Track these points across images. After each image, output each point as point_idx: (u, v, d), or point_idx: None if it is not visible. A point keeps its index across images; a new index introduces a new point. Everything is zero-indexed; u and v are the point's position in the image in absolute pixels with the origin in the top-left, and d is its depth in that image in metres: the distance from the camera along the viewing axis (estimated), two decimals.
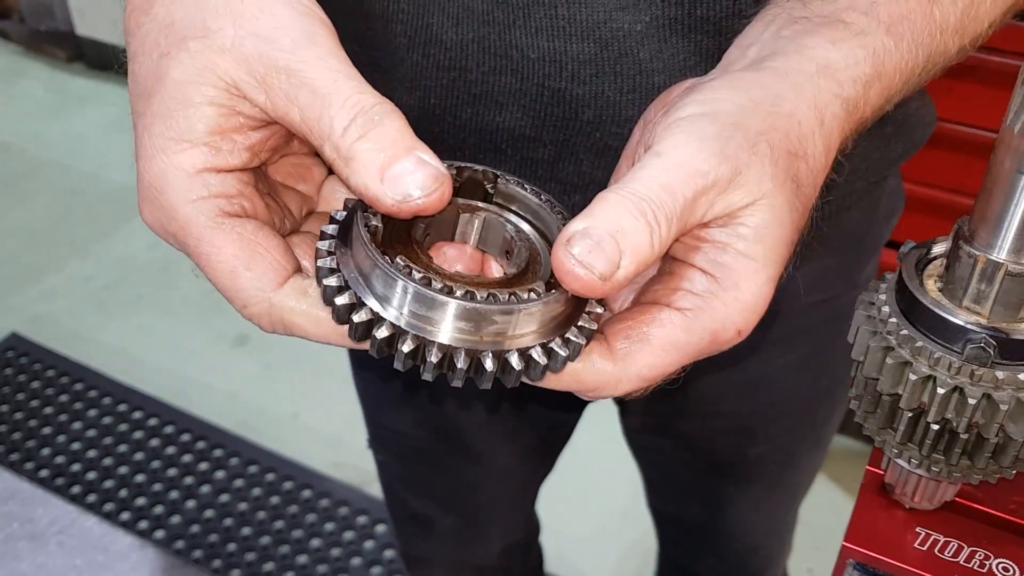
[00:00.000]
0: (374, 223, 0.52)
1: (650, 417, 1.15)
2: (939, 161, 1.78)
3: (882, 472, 0.62)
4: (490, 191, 0.59)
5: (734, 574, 1.37)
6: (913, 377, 0.51)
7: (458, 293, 0.49)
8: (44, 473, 2.41)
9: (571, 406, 1.22)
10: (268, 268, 0.52)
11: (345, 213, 0.55)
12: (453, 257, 0.59)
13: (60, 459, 2.45)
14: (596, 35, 0.70)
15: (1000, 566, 0.57)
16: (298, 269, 0.54)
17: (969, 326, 0.50)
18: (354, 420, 2.62)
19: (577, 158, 0.78)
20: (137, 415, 2.57)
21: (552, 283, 0.52)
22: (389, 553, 2.24)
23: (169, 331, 2.86)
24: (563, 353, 0.52)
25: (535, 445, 1.28)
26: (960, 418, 0.51)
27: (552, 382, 0.54)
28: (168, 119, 0.52)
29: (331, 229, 0.54)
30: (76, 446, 2.48)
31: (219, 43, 0.51)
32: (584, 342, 0.53)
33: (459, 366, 0.50)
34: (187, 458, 2.46)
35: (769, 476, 1.21)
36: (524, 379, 0.52)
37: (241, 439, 2.51)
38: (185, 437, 2.51)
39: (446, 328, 0.50)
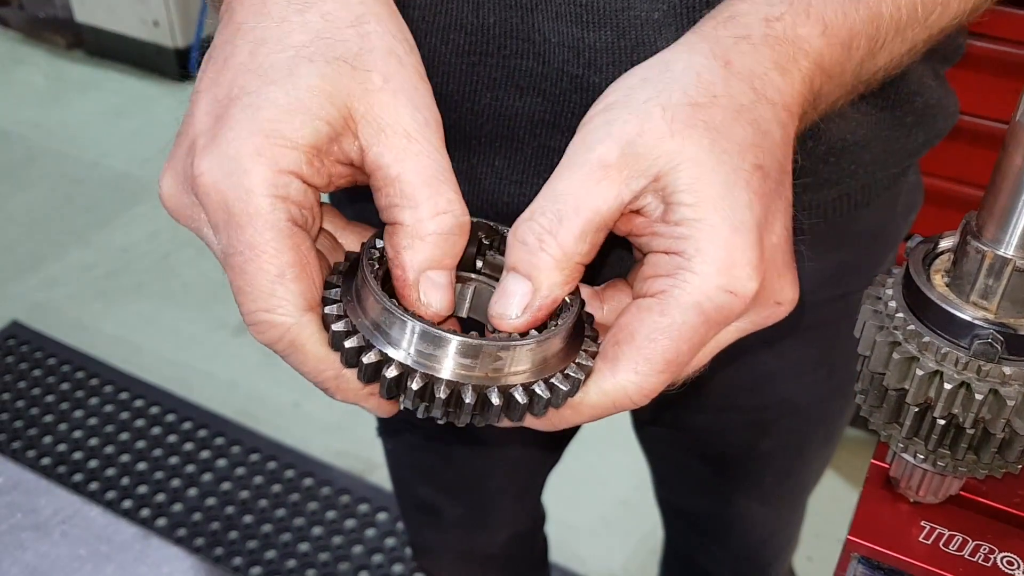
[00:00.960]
0: (379, 269, 0.55)
1: (661, 411, 1.15)
2: (958, 154, 1.78)
3: (887, 466, 0.61)
4: (480, 256, 0.62)
5: (741, 567, 1.37)
6: (920, 372, 0.51)
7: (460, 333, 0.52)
8: (46, 461, 2.42)
9: None
10: (308, 288, 0.53)
11: (348, 264, 0.57)
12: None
13: (62, 447, 2.46)
14: (614, 23, 0.70)
15: (1005, 560, 0.57)
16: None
17: (976, 321, 0.50)
18: (355, 409, 2.61)
19: None
20: (138, 403, 2.57)
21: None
22: (390, 541, 2.25)
23: (170, 319, 2.86)
24: (564, 388, 0.53)
25: (543, 437, 1.28)
26: (967, 413, 0.51)
27: (569, 418, 0.56)
28: (284, 112, 0.52)
29: (335, 279, 0.55)
30: (78, 434, 2.49)
31: (366, 82, 0.54)
32: (583, 376, 0.54)
33: (467, 401, 0.52)
34: (188, 446, 2.46)
35: (779, 470, 1.21)
36: (528, 415, 0.54)
37: (242, 427, 2.51)
38: (186, 425, 2.51)
39: (449, 365, 0.52)
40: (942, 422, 0.53)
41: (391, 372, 0.52)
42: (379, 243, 0.57)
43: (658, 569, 1.62)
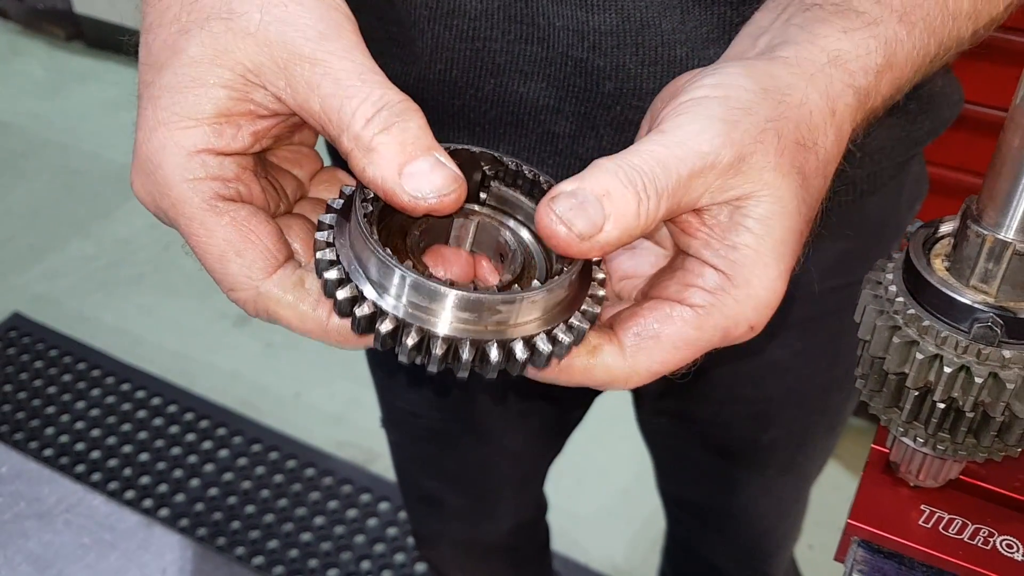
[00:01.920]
0: (373, 211, 0.52)
1: (664, 402, 1.16)
2: (963, 143, 1.77)
3: (887, 450, 0.62)
4: (485, 186, 0.59)
5: (743, 557, 1.37)
6: (920, 356, 0.51)
7: (458, 286, 0.50)
8: (48, 452, 2.42)
9: (582, 396, 1.22)
10: (258, 256, 0.52)
11: (341, 202, 0.54)
12: (449, 259, 0.58)
13: (64, 438, 2.46)
14: (618, 5, 0.70)
15: (1004, 543, 0.57)
16: (289, 257, 0.54)
17: (976, 305, 0.50)
18: (357, 399, 2.63)
19: (597, 132, 0.78)
20: (140, 394, 2.57)
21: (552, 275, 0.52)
22: (392, 531, 2.25)
23: (171, 310, 2.86)
24: (567, 339, 0.52)
25: (546, 427, 1.28)
26: (966, 397, 0.51)
27: (563, 377, 0.54)
28: (176, 94, 0.51)
29: (328, 219, 0.53)
30: (80, 425, 2.49)
31: (243, 26, 0.51)
32: (587, 326, 0.53)
33: (464, 357, 0.50)
34: (191, 437, 2.47)
35: (781, 461, 1.21)
36: (530, 367, 0.52)
37: (244, 418, 2.52)
38: (188, 416, 2.52)
39: (447, 319, 0.49)
40: (942, 406, 0.53)
41: (385, 326, 0.49)
42: (370, 205, 0.53)
43: (660, 559, 1.62)
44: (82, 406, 2.54)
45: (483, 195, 0.59)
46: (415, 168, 0.50)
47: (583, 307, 0.53)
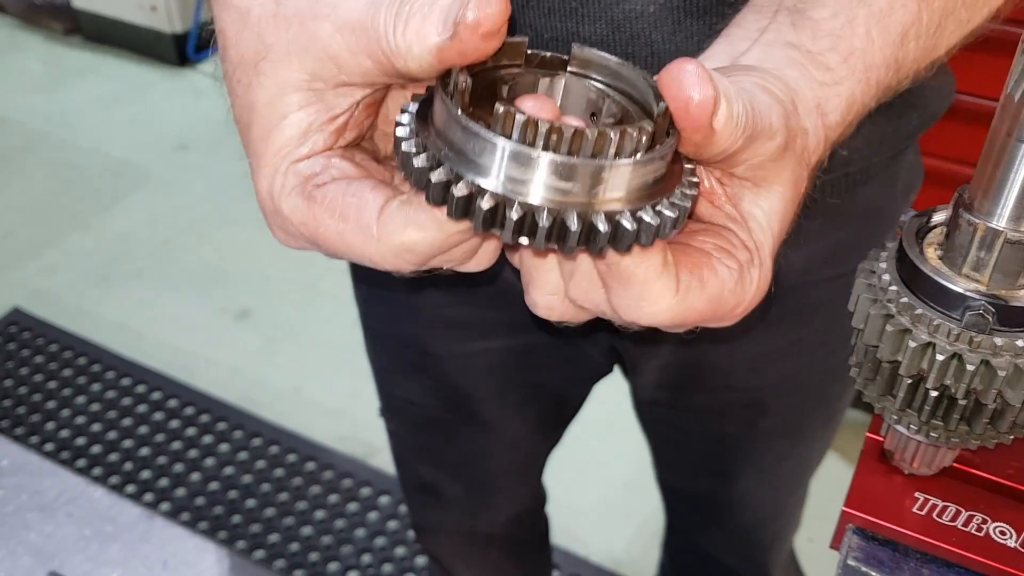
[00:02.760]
0: (461, 82, 0.49)
1: (661, 391, 1.16)
2: (958, 134, 1.78)
3: (882, 438, 0.62)
4: (567, 59, 0.55)
5: (741, 548, 1.38)
6: (912, 344, 0.52)
7: (563, 146, 0.46)
8: (49, 447, 2.43)
9: (581, 380, 1.23)
10: (363, 210, 0.52)
11: (416, 105, 0.52)
12: (535, 109, 0.54)
13: (64, 433, 2.47)
14: (607, 16, 0.70)
15: (997, 530, 0.58)
16: (392, 197, 0.54)
17: (968, 293, 0.51)
18: (357, 393, 2.63)
19: None
20: (140, 389, 2.58)
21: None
22: (393, 524, 2.26)
23: (171, 305, 2.87)
24: (672, 215, 0.49)
25: (545, 416, 1.29)
26: (959, 384, 0.52)
27: (625, 278, 0.52)
28: (265, 141, 0.55)
29: (406, 118, 0.51)
30: (80, 420, 2.50)
31: (279, 55, 0.54)
32: (689, 204, 0.50)
33: (572, 229, 0.46)
34: (191, 431, 2.47)
35: (779, 450, 1.21)
36: (636, 244, 0.49)
37: (244, 412, 2.52)
38: (189, 410, 2.52)
39: (546, 189, 0.46)
40: (935, 393, 0.54)
41: (486, 203, 0.46)
42: (456, 76, 0.49)
43: (659, 551, 1.63)
44: (82, 401, 2.55)
45: (567, 59, 0.55)
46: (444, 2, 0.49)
47: (682, 188, 0.50)
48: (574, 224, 0.46)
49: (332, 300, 2.79)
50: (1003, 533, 0.58)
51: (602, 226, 0.47)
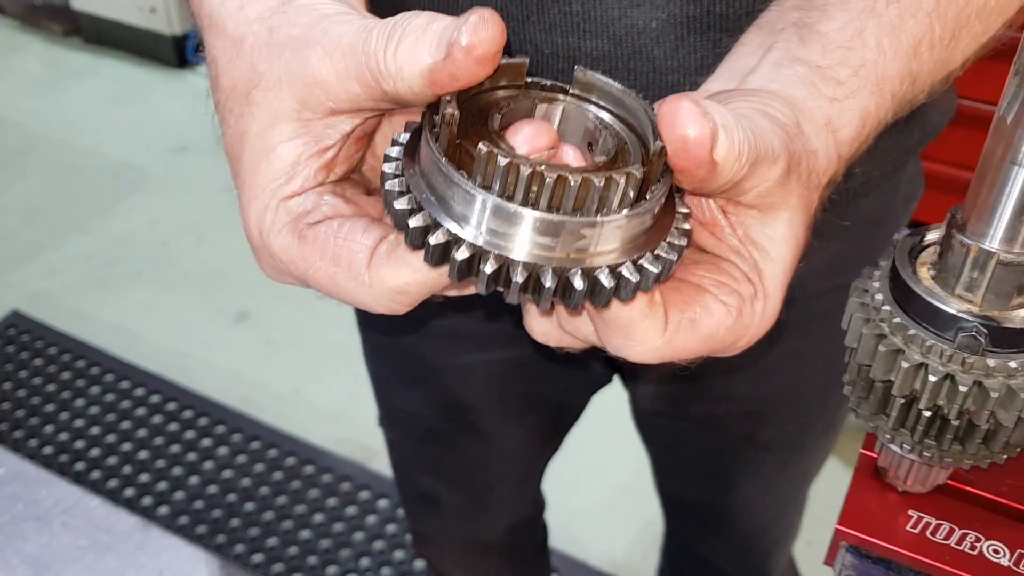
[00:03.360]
0: (447, 115, 0.47)
1: (661, 400, 1.16)
2: (959, 139, 1.77)
3: (875, 455, 0.62)
4: (567, 88, 0.54)
5: (741, 556, 1.38)
6: (905, 365, 0.52)
7: (544, 195, 0.45)
8: (47, 451, 2.43)
9: (581, 390, 1.23)
10: (355, 255, 0.52)
11: (408, 135, 0.51)
12: (530, 136, 0.54)
13: (63, 436, 2.47)
14: (609, 32, 0.70)
15: (991, 548, 0.58)
16: (382, 238, 0.54)
17: (961, 314, 0.51)
18: (356, 396, 2.62)
19: None
20: (139, 392, 2.58)
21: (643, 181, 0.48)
22: (391, 527, 2.26)
23: (170, 307, 2.87)
24: (654, 270, 0.48)
25: (544, 426, 1.29)
26: (951, 405, 0.52)
27: (610, 325, 0.52)
28: (254, 172, 0.54)
29: (395, 151, 0.50)
30: (78, 423, 2.50)
31: (271, 81, 0.53)
32: (675, 257, 0.49)
33: (546, 285, 0.46)
34: (189, 435, 2.47)
35: (778, 460, 1.21)
36: (616, 299, 0.49)
37: (243, 415, 2.52)
38: (187, 414, 2.52)
39: (525, 244, 0.46)
40: (928, 413, 0.54)
41: (461, 254, 0.46)
42: (444, 107, 0.48)
43: (658, 557, 1.63)
44: (81, 403, 2.55)
45: (568, 86, 0.54)
46: (438, 27, 0.48)
47: (669, 239, 0.49)
48: (548, 281, 0.46)
49: (331, 303, 2.78)
50: (996, 552, 0.58)
51: (578, 283, 0.46)
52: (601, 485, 2.37)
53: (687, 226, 0.51)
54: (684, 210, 0.52)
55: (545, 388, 1.18)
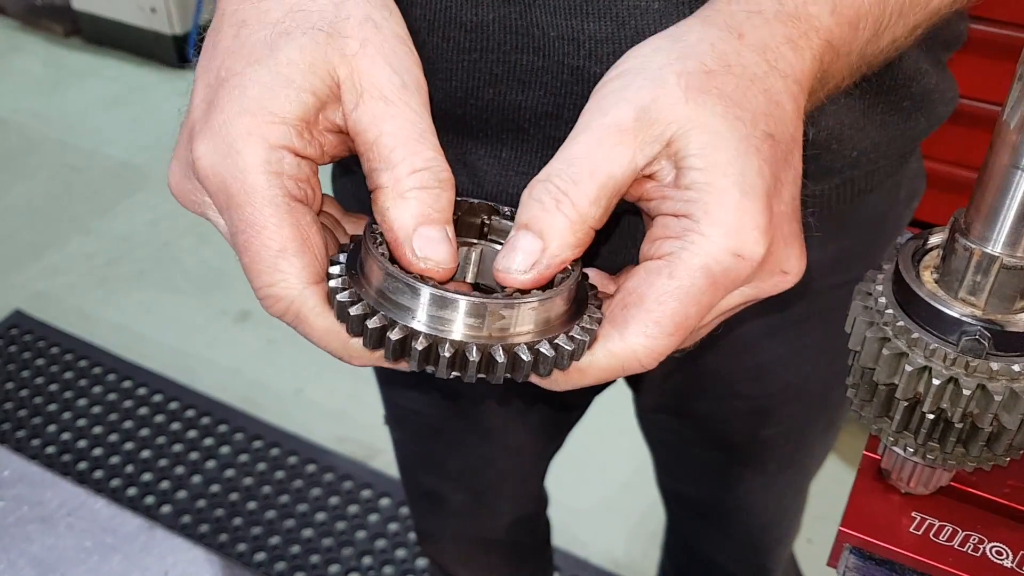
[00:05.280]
0: (384, 248, 0.55)
1: (664, 398, 1.16)
2: (960, 138, 1.78)
3: (879, 457, 0.62)
4: (485, 228, 0.62)
5: (742, 553, 1.38)
6: (909, 368, 0.52)
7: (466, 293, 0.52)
8: (50, 451, 2.43)
9: (582, 394, 1.23)
10: (312, 261, 0.54)
11: (352, 245, 0.58)
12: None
13: (66, 436, 2.47)
14: (612, 13, 0.71)
15: (994, 550, 0.58)
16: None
17: (964, 318, 0.51)
18: (358, 395, 2.63)
19: None
20: (142, 391, 2.58)
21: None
22: (394, 526, 2.26)
23: (171, 307, 2.87)
24: (568, 347, 0.54)
25: (547, 424, 1.29)
26: (955, 408, 0.52)
27: (575, 378, 0.56)
28: (268, 90, 0.54)
29: (339, 256, 0.56)
30: (81, 423, 2.50)
31: (341, 46, 0.55)
32: (588, 339, 0.54)
33: (471, 359, 0.52)
34: (192, 434, 2.48)
35: (780, 457, 1.22)
36: (534, 374, 0.54)
37: (245, 414, 2.53)
38: (190, 413, 2.53)
39: (454, 326, 0.52)
40: (931, 416, 0.54)
41: (395, 335, 0.52)
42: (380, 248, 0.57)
43: (660, 554, 1.63)
44: (83, 403, 2.55)
45: (485, 228, 0.63)
46: (429, 233, 0.53)
47: (582, 324, 0.55)
48: (473, 355, 0.52)
49: None
50: (999, 553, 0.58)
51: (499, 357, 0.53)
52: (602, 484, 2.37)
53: (599, 314, 0.56)
54: (597, 303, 0.58)
55: (550, 393, 1.18)
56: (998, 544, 0.58)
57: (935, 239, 0.56)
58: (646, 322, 0.54)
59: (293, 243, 0.54)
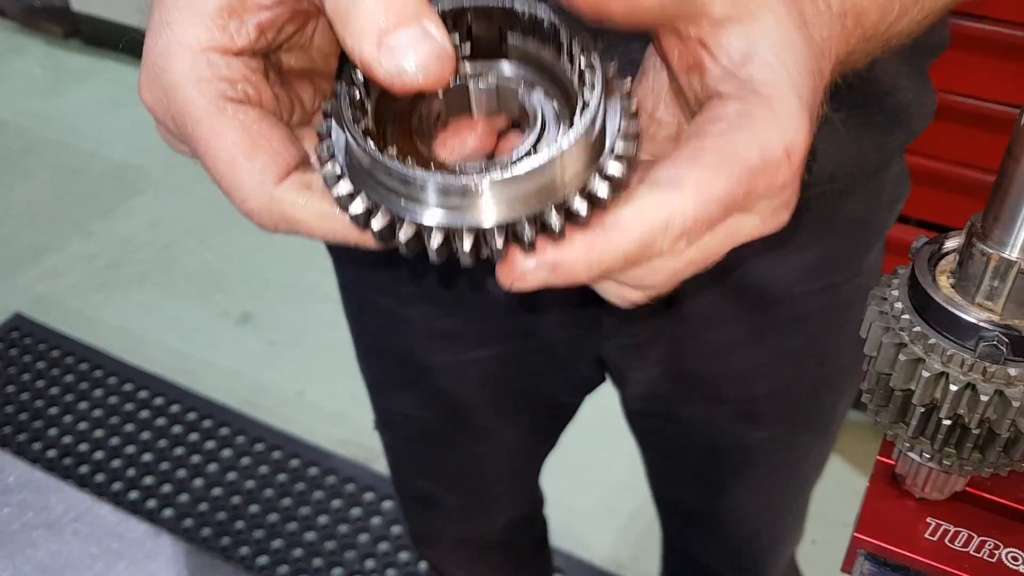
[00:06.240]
0: (363, 101, 0.47)
1: (649, 402, 1.16)
2: (954, 136, 1.78)
3: (893, 462, 0.62)
4: (503, 44, 0.52)
5: (737, 558, 1.38)
6: (926, 374, 0.52)
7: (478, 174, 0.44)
8: (51, 454, 2.43)
9: (573, 389, 1.23)
10: (270, 160, 0.48)
11: (333, 106, 0.49)
12: (464, 134, 0.52)
13: (67, 439, 2.47)
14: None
15: (1010, 555, 0.58)
16: (304, 161, 0.50)
17: (982, 323, 0.51)
18: (359, 397, 2.63)
19: None
20: (142, 394, 2.58)
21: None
22: (396, 529, 2.26)
23: (172, 309, 2.86)
24: (557, 225, 0.45)
25: (539, 423, 1.29)
26: (972, 414, 0.51)
27: (614, 237, 0.46)
28: None
29: (324, 127, 0.49)
30: (82, 426, 2.50)
31: None
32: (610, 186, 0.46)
33: (497, 247, 0.45)
34: (193, 437, 2.47)
35: (770, 462, 1.21)
36: (560, 239, 0.46)
37: (247, 417, 2.52)
38: (191, 416, 2.52)
39: (487, 208, 0.45)
40: (948, 422, 0.53)
41: (405, 233, 0.45)
42: (358, 72, 0.47)
43: (659, 561, 1.63)
44: (84, 407, 2.55)
45: (504, 47, 0.51)
46: (398, 38, 0.43)
47: (589, 187, 0.46)
48: (527, 231, 0.45)
49: (334, 303, 2.77)
50: (1016, 559, 0.58)
51: (555, 221, 0.45)
52: (604, 484, 2.37)
53: (622, 169, 0.47)
54: (633, 108, 0.49)
55: (539, 384, 1.17)
56: (1014, 550, 0.58)
57: (951, 243, 0.55)
58: (703, 179, 0.45)
59: (240, 148, 0.48)
